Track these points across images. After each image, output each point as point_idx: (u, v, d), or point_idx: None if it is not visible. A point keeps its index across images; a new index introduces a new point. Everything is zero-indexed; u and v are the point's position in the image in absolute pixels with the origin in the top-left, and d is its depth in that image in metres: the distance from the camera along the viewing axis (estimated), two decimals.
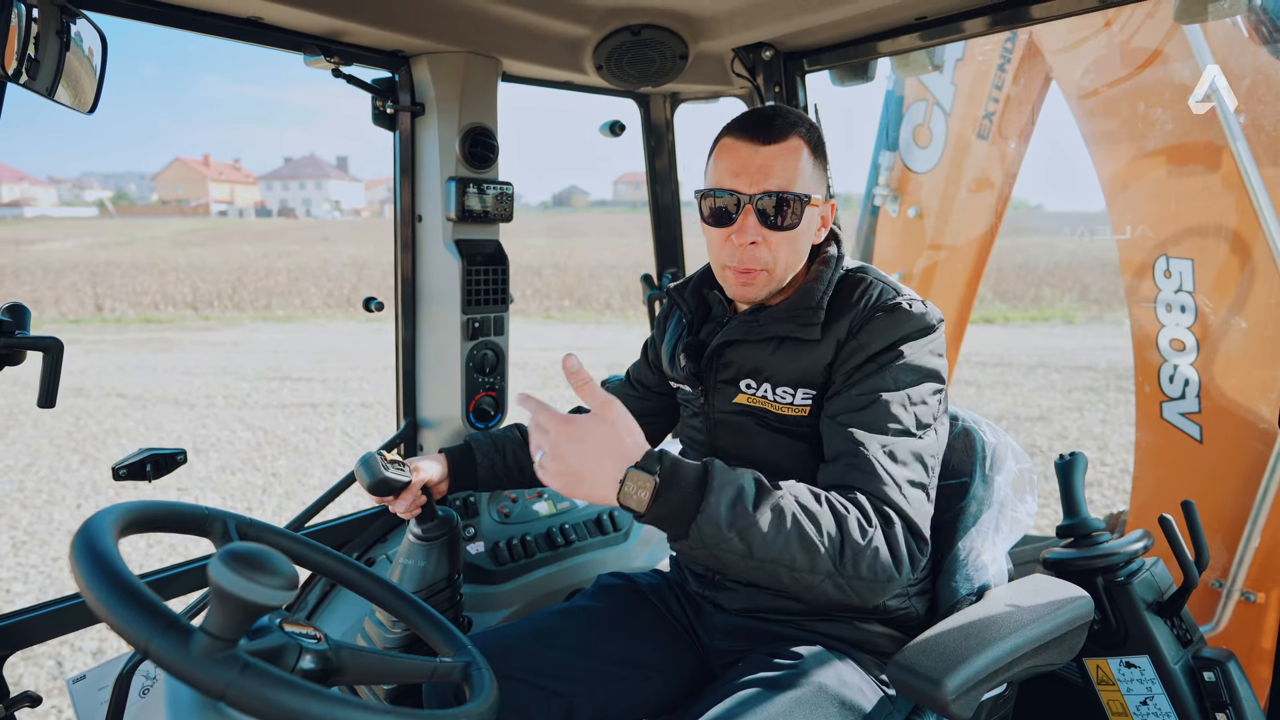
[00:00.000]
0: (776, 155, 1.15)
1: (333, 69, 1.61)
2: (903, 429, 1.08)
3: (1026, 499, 1.34)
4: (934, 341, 1.14)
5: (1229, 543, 2.32)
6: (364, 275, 20.44)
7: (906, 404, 1.10)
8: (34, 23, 1.10)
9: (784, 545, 0.95)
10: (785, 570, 0.96)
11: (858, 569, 0.98)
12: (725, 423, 1.27)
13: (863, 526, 1.00)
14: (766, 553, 0.94)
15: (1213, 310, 2.35)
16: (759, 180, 1.14)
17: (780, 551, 0.95)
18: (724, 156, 1.18)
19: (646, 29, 1.72)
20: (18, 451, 6.27)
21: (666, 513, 0.94)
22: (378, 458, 1.29)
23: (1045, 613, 1.12)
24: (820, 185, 1.20)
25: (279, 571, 0.61)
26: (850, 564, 0.98)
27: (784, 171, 1.14)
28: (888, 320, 1.12)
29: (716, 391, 1.28)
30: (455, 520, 1.42)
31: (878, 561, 0.99)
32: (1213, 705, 1.45)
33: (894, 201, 3.56)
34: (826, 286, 1.19)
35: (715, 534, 0.93)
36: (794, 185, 1.15)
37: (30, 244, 30.28)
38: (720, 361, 1.27)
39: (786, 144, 1.15)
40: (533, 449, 0.97)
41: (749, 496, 0.95)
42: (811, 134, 1.19)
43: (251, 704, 0.62)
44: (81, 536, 0.68)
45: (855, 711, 1.12)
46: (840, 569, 0.98)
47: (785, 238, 1.16)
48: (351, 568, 1.02)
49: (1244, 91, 2.18)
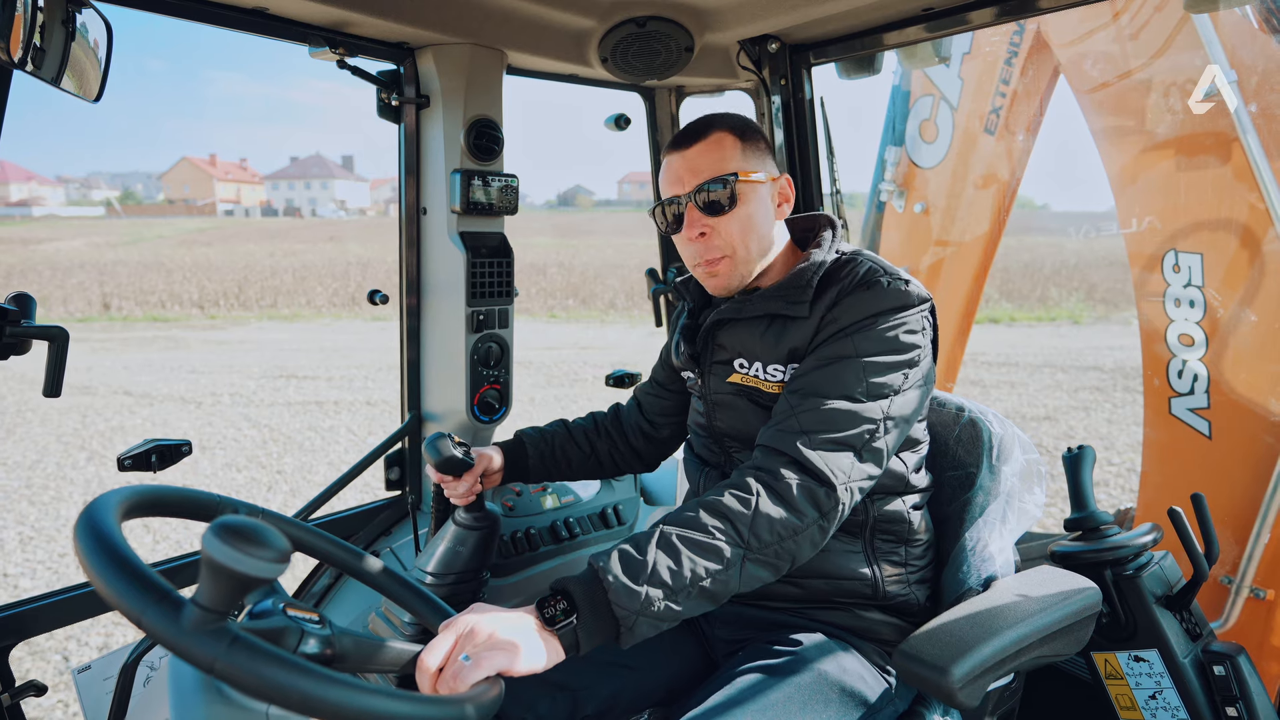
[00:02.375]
0: (701, 153, 1.22)
1: (337, 60, 1.61)
2: (845, 394, 1.08)
3: (1034, 490, 1.33)
4: (910, 318, 1.13)
5: (1238, 539, 2.30)
6: (369, 274, 20.48)
7: (861, 373, 1.09)
8: (40, 11, 1.11)
9: (691, 564, 0.96)
10: (709, 581, 0.97)
11: (758, 536, 1.00)
12: (721, 403, 1.29)
13: (741, 498, 1.01)
14: (681, 580, 0.96)
15: (1222, 305, 2.33)
16: (690, 179, 1.21)
17: (692, 571, 0.96)
18: (664, 173, 1.26)
19: (652, 21, 1.72)
20: (25, 448, 6.30)
21: (585, 603, 0.93)
22: (447, 438, 1.33)
23: (1053, 603, 1.12)
24: (759, 163, 1.24)
25: (271, 545, 0.61)
26: (751, 536, 0.99)
27: (711, 163, 1.21)
28: (864, 295, 1.14)
29: (712, 373, 1.31)
30: (498, 517, 1.43)
31: (774, 520, 1.00)
32: (1223, 700, 1.44)
33: (900, 197, 3.55)
34: (818, 268, 1.21)
35: (631, 598, 0.94)
36: (721, 170, 1.20)
37: (38, 243, 30.47)
38: (714, 343, 1.31)
39: (708, 141, 1.22)
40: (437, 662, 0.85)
41: (631, 552, 0.97)
42: (737, 122, 1.24)
43: (241, 677, 0.62)
44: (86, 514, 0.68)
45: (857, 700, 1.12)
46: (746, 545, 0.99)
47: (731, 219, 1.20)
48: (357, 555, 1.02)
49: (1254, 83, 2.16)
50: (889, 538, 1.23)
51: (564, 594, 0.95)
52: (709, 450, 1.36)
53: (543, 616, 0.93)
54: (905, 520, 1.23)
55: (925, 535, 1.27)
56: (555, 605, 0.94)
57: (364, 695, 0.67)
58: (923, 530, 1.26)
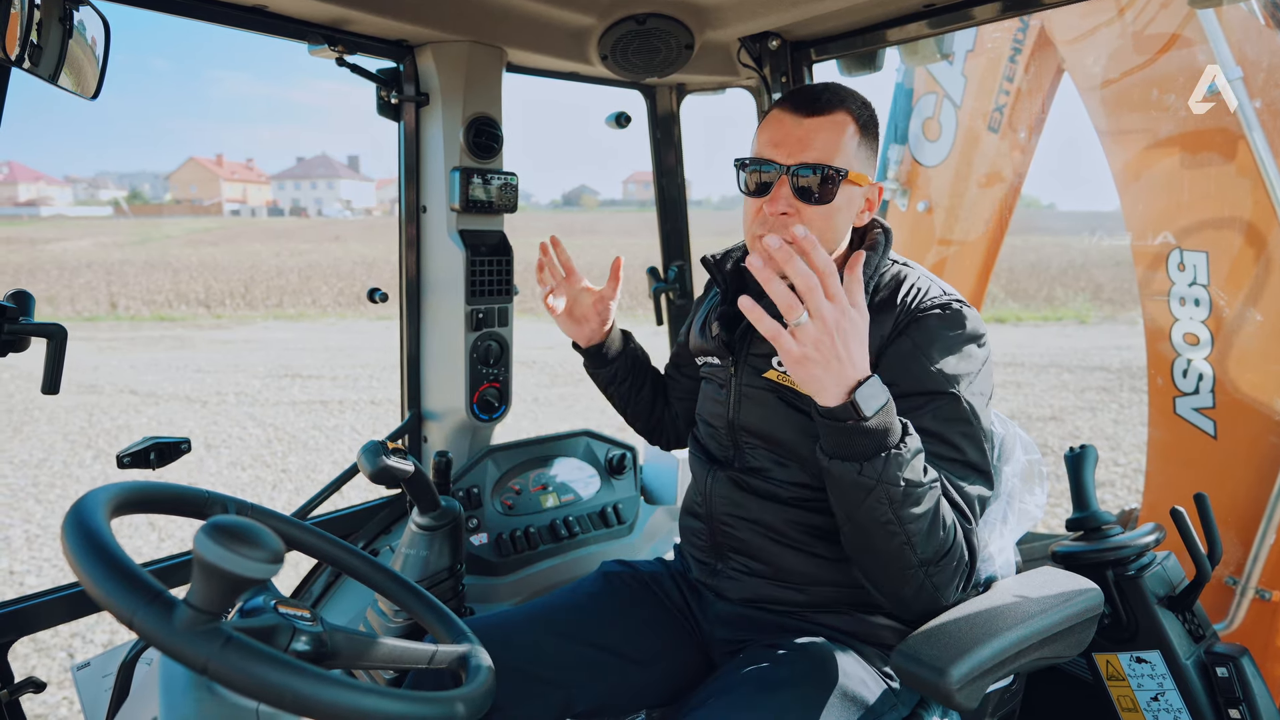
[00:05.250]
0: (818, 128, 1.13)
1: (337, 58, 1.61)
2: (975, 439, 1.10)
3: (1035, 490, 1.32)
4: (983, 349, 1.15)
5: (1243, 540, 2.28)
6: (374, 273, 20.51)
7: (974, 418, 1.10)
8: (36, 8, 1.11)
9: (921, 520, 0.97)
10: (902, 541, 0.98)
11: (943, 568, 1.02)
12: (751, 397, 1.25)
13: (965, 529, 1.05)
14: (908, 516, 0.96)
15: (1227, 303, 2.31)
16: (797, 151, 1.13)
17: (915, 522, 0.97)
18: (767, 127, 1.18)
19: (652, 18, 1.71)
20: (32, 447, 6.33)
21: (882, 425, 0.94)
22: (380, 447, 1.29)
23: (1054, 604, 1.11)
24: (866, 165, 1.17)
25: (264, 545, 0.60)
26: (942, 561, 1.02)
27: (824, 145, 1.12)
28: (944, 322, 1.12)
29: (747, 364, 1.26)
30: (458, 511, 1.41)
31: (960, 567, 1.04)
32: (1225, 701, 1.43)
33: (903, 196, 3.53)
34: (873, 273, 1.18)
35: (891, 476, 0.94)
36: (833, 159, 1.12)
37: (46, 243, 30.61)
38: (755, 335, 1.25)
39: (830, 118, 1.13)
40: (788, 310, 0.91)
41: (923, 465, 0.98)
42: (863, 112, 1.17)
43: (234, 678, 0.61)
44: (73, 512, 0.67)
45: (858, 703, 1.11)
46: (935, 563, 1.01)
47: (819, 212, 1.13)
48: (351, 553, 1.01)
49: (1260, 79, 2.14)
50: None
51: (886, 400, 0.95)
52: (719, 445, 1.32)
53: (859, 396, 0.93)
54: None
55: None
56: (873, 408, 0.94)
57: (356, 694, 0.66)
58: None
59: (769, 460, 1.23)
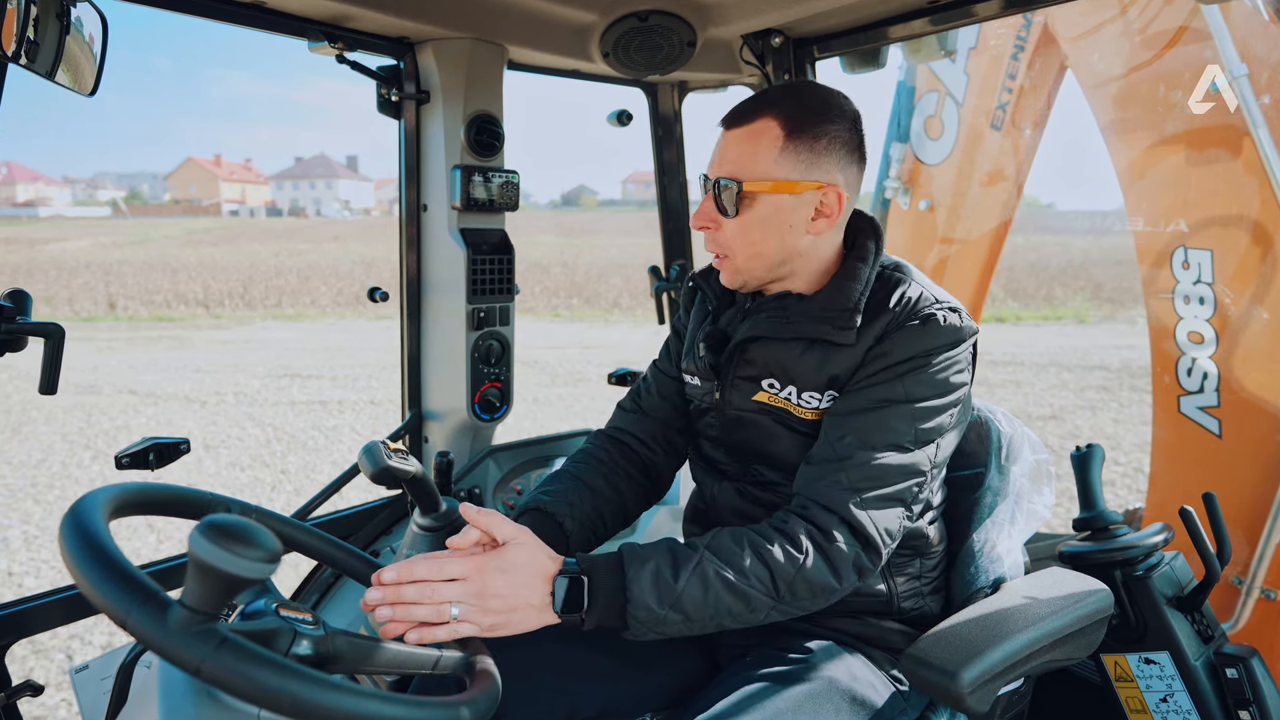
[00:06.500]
0: (734, 140, 1.12)
1: (337, 55, 1.60)
2: (895, 443, 1.06)
3: (1043, 490, 1.30)
4: (962, 354, 1.10)
5: (1249, 539, 2.27)
6: (373, 273, 20.49)
7: (911, 418, 1.07)
8: (33, 4, 1.09)
9: (717, 602, 0.99)
10: (728, 619, 1.00)
11: (794, 593, 1.01)
12: (742, 420, 1.22)
13: (790, 554, 1.01)
14: (703, 614, 0.99)
15: (1233, 302, 2.30)
16: (716, 165, 1.13)
17: (716, 608, 0.99)
18: None
19: (654, 15, 1.70)
20: (31, 447, 6.31)
21: (601, 603, 0.96)
22: (381, 447, 1.28)
23: (1063, 605, 1.09)
24: (794, 169, 1.09)
25: (260, 544, 0.59)
26: (787, 592, 1.01)
27: (736, 156, 1.11)
28: (917, 331, 1.08)
29: (734, 387, 1.22)
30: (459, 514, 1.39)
31: (814, 581, 1.01)
32: (1235, 703, 1.41)
33: (905, 194, 3.52)
34: (864, 286, 1.13)
35: (650, 616, 0.97)
36: (745, 170, 1.09)
37: (45, 243, 30.57)
38: (743, 358, 1.21)
39: (748, 127, 1.11)
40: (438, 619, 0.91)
41: (667, 573, 0.98)
42: (792, 113, 1.09)
43: (229, 680, 0.60)
44: (72, 514, 0.66)
45: (867, 708, 1.09)
46: (779, 599, 1.01)
47: (733, 225, 1.12)
48: (350, 553, 1.00)
49: (1265, 76, 2.13)
50: (906, 552, 1.19)
51: (588, 576, 0.97)
52: (724, 460, 1.28)
53: (554, 594, 0.95)
54: (923, 535, 1.20)
55: (939, 545, 1.24)
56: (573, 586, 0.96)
57: (357, 699, 0.65)
58: (937, 541, 1.23)
59: (775, 476, 1.21)
